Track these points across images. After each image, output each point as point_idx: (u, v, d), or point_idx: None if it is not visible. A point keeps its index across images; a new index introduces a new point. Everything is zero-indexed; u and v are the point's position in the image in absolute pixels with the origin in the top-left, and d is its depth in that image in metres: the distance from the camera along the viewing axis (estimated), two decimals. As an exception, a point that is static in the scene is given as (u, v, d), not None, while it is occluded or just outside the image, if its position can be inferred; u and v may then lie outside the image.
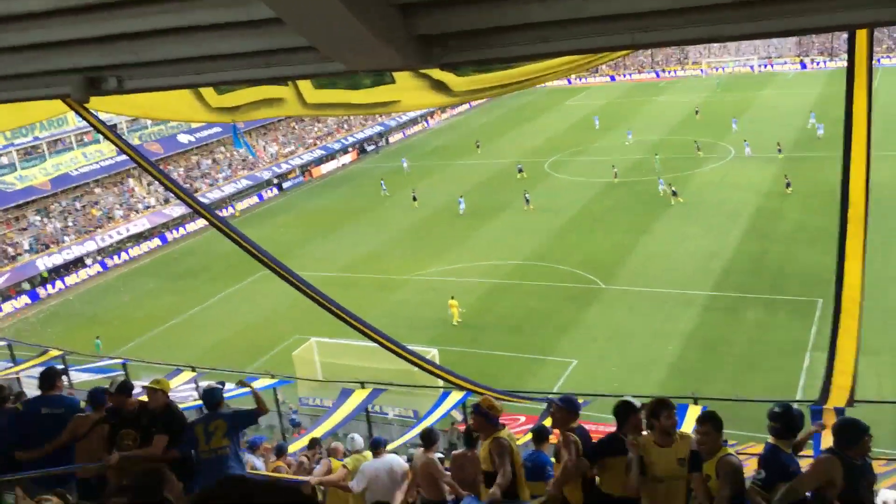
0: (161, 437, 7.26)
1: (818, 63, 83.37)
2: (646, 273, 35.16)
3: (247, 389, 8.05)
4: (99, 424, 7.45)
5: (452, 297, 32.71)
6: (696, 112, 66.01)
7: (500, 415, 7.16)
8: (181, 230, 53.23)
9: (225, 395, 8.06)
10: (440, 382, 16.80)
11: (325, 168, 66.41)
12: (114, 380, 7.73)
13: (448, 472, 8.37)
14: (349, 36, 2.88)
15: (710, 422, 6.02)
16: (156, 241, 51.93)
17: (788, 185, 43.24)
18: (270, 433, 23.35)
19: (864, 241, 6.99)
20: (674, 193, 44.23)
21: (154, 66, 3.90)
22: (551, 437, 8.11)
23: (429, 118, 79.60)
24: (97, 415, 7.61)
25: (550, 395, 16.09)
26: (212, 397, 7.77)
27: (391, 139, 74.48)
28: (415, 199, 50.76)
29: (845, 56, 5.97)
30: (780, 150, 50.20)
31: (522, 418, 18.26)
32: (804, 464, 6.43)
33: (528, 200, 46.77)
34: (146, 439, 7.28)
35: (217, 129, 61.01)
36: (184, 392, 17.31)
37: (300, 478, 10.37)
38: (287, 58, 3.58)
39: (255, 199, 59.58)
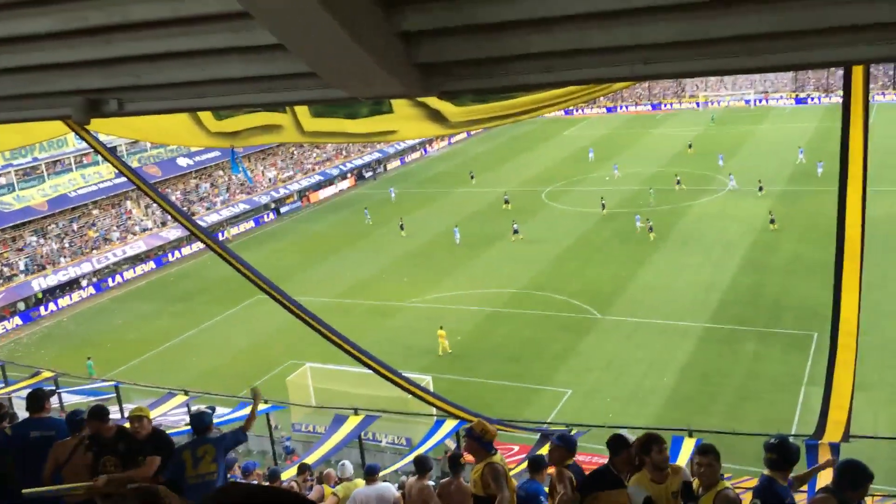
0: (154, 458, 7.18)
1: (814, 99, 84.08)
2: (642, 304, 35.15)
3: (247, 411, 7.95)
4: (79, 449, 7.34)
5: (441, 328, 32.50)
6: (690, 146, 65.73)
7: (493, 439, 7.11)
8: (178, 253, 53.18)
9: (216, 419, 7.99)
10: (434, 410, 16.72)
11: (323, 193, 66.60)
12: (88, 405, 7.63)
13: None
14: (351, 63, 2.89)
15: (712, 453, 5.99)
16: (151, 264, 51.84)
17: (773, 220, 43.07)
18: (262, 459, 23.18)
19: (860, 275, 7.01)
20: (650, 230, 44.10)
21: (155, 90, 3.92)
22: (547, 468, 8.06)
23: (427, 146, 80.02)
24: (75, 440, 7.49)
25: (545, 425, 16.02)
26: (200, 422, 7.67)
27: (389, 166, 74.80)
28: (402, 227, 50.72)
29: (840, 92, 6.03)
30: (760, 189, 49.77)
31: (516, 448, 18.11)
32: (798, 498, 6.39)
33: (516, 231, 46.70)
34: (126, 466, 7.19)
35: (216, 154, 61.22)
36: (175, 416, 17.18)
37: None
38: (288, 83, 3.59)
39: (252, 223, 59.62)
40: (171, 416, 16.91)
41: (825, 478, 7.89)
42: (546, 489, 7.63)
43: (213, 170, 63.35)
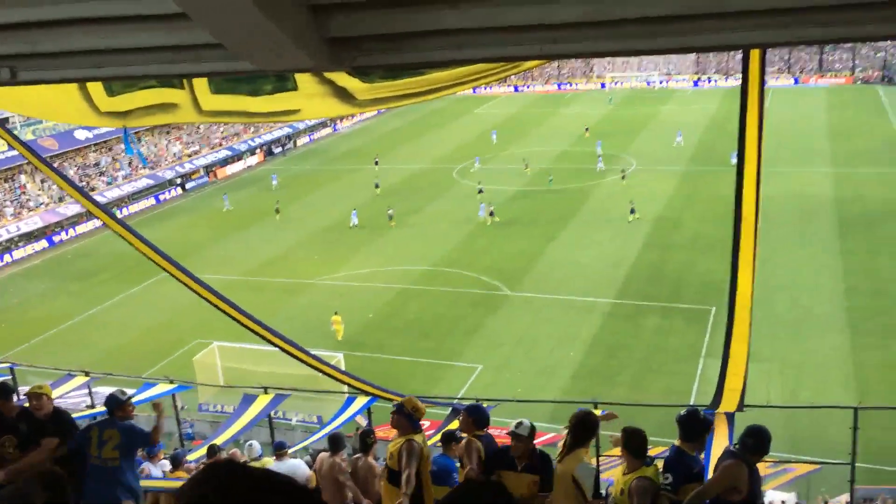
0: (50, 439, 6.95)
1: (714, 81, 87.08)
2: (551, 280, 35.86)
3: (154, 414, 7.70)
4: None
5: (336, 313, 31.90)
6: (586, 130, 65.56)
7: (422, 417, 7.16)
8: (74, 230, 51.01)
9: (135, 400, 7.73)
10: (345, 388, 16.65)
11: (231, 169, 65.04)
12: None
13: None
14: (258, 34, 2.83)
15: (625, 440, 6.16)
16: (47, 241, 49.57)
17: (633, 210, 43.02)
18: (168, 440, 22.65)
19: (754, 252, 7.31)
20: (491, 214, 44.45)
21: (51, 58, 3.74)
22: (459, 443, 8.17)
23: (337, 122, 79.04)
24: None
25: (456, 401, 16.20)
26: (111, 403, 7.46)
27: (299, 142, 73.62)
28: (277, 211, 49.67)
29: (739, 75, 6.25)
30: (623, 176, 49.74)
31: (427, 423, 18.25)
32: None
33: (391, 217, 46.36)
34: (26, 446, 6.95)
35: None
36: (76, 398, 16.57)
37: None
38: (192, 54, 3.48)
39: (153, 200, 57.59)
40: (71, 399, 16.28)
41: (720, 443, 8.28)
42: (457, 464, 7.75)
43: (114, 143, 60.83)
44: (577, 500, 5.97)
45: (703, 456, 8.12)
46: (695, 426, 6.15)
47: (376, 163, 60.40)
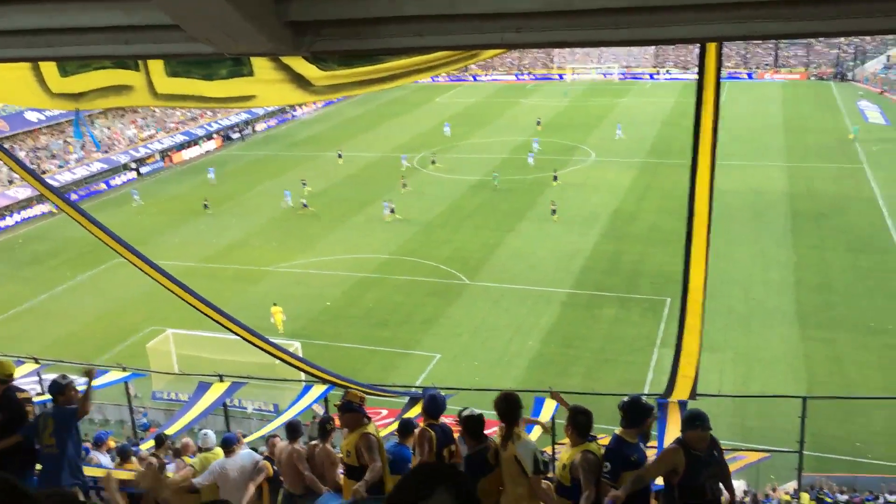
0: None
1: (671, 74, 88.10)
2: (509, 270, 36.05)
3: (89, 381, 7.56)
4: None
5: (275, 304, 31.43)
6: (538, 123, 65.32)
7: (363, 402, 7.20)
8: (25, 212, 49.80)
9: (79, 387, 7.61)
10: (302, 376, 16.58)
11: (187, 154, 64.03)
12: None
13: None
14: (217, 16, 2.79)
15: (571, 417, 6.26)
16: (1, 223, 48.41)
17: (554, 211, 42.57)
18: (120, 428, 22.35)
19: (707, 245, 7.44)
20: (392, 211, 43.92)
21: (2, 37, 3.64)
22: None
23: (297, 109, 78.29)
24: None
25: (413, 389, 16.23)
26: (53, 389, 7.40)
27: (257, 128, 72.76)
28: (206, 206, 48.14)
29: (696, 69, 6.33)
30: (555, 178, 49.03)
31: (384, 412, 18.28)
32: (650, 454, 6.79)
33: (305, 206, 46.43)
34: None
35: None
36: (26, 385, 16.21)
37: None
38: (150, 35, 3.42)
39: (104, 185, 56.38)
40: (21, 386, 15.95)
41: (673, 431, 8.44)
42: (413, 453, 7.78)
43: (66, 126, 59.41)
44: (522, 479, 6.05)
45: (654, 443, 8.27)
46: (636, 412, 6.26)
47: (339, 156, 58.80)
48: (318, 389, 13.63)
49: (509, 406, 6.23)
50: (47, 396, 11.34)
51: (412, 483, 1.94)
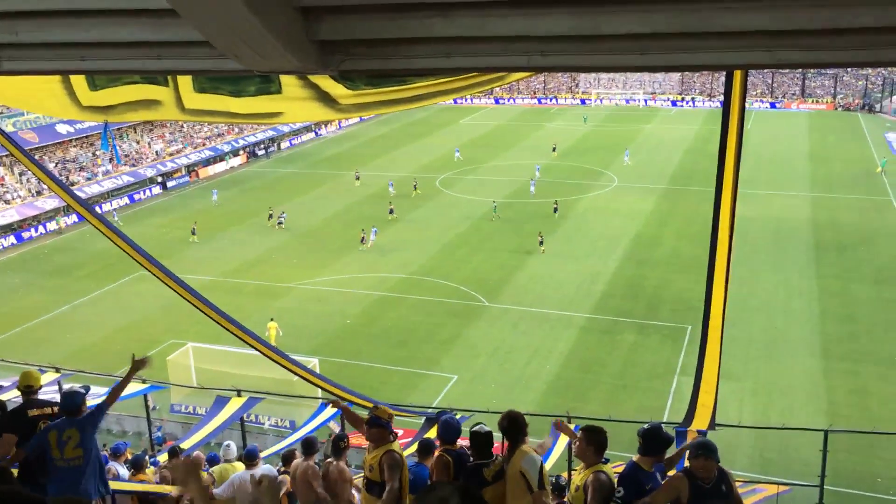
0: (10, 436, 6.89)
1: (697, 102, 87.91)
2: (529, 293, 35.93)
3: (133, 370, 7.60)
4: None
5: (272, 319, 31.48)
6: (554, 149, 64.84)
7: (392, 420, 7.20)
8: (53, 224, 50.45)
9: (95, 400, 7.60)
10: (319, 393, 16.57)
11: (213, 169, 64.68)
12: None
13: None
14: (246, 34, 2.83)
15: (587, 432, 6.23)
16: (26, 234, 48.97)
17: (541, 242, 41.72)
18: (138, 440, 22.42)
19: (727, 273, 7.38)
20: (362, 241, 43.11)
21: (34, 49, 3.71)
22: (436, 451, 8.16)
23: (320, 128, 78.95)
24: None
25: (430, 410, 16.18)
26: (70, 402, 7.19)
27: (282, 145, 73.43)
28: (194, 232, 46.30)
29: (722, 97, 6.31)
30: (555, 209, 47.84)
31: (401, 431, 18.21)
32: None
33: (274, 218, 46.57)
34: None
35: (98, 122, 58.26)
36: (45, 395, 16.33)
37: (165, 489, 9.90)
38: (179, 51, 3.47)
39: (127, 199, 56.80)
40: (41, 395, 16.06)
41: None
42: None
43: (96, 139, 60.31)
44: (525, 496, 6.00)
45: (673, 471, 8.17)
46: (655, 441, 6.18)
47: (357, 178, 58.28)
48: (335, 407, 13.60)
49: (511, 425, 6.22)
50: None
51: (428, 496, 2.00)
